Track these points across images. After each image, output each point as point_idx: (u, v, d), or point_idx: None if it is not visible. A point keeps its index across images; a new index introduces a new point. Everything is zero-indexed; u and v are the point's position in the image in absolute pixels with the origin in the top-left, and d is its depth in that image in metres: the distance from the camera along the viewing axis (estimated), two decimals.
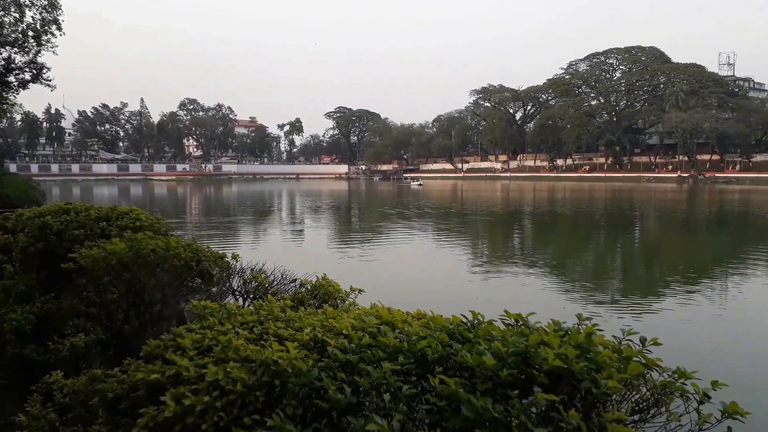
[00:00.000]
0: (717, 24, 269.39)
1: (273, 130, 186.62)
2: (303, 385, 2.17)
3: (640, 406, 2.54)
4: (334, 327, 2.69)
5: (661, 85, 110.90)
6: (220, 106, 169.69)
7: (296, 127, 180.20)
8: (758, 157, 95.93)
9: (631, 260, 19.91)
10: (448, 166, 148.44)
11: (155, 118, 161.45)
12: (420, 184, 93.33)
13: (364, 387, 2.16)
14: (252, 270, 4.80)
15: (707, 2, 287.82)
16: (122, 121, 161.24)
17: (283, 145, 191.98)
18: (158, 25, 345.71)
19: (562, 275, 15.89)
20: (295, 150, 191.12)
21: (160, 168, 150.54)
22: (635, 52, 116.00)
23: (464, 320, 2.82)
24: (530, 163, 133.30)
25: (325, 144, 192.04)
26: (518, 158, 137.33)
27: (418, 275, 15.84)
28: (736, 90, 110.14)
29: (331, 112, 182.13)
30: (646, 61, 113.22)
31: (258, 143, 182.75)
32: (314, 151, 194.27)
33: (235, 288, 4.60)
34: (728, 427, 2.28)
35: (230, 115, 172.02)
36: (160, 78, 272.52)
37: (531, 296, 12.84)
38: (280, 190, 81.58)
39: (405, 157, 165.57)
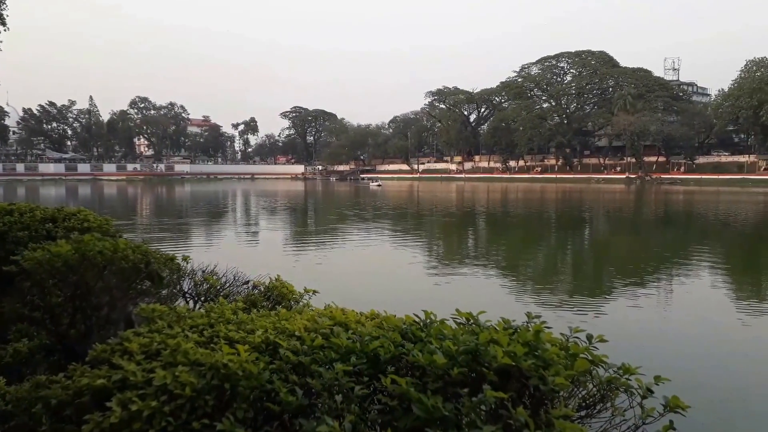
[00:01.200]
0: (664, 30, 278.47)
1: (227, 129, 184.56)
2: (254, 388, 2.16)
3: (587, 401, 2.61)
4: (287, 329, 2.68)
5: (610, 89, 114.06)
6: (172, 104, 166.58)
7: (251, 126, 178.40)
8: (701, 159, 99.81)
9: (581, 259, 20.41)
10: (405, 167, 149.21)
11: (105, 117, 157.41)
12: (379, 185, 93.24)
13: (316, 388, 2.16)
14: (203, 272, 4.71)
15: (657, 11, 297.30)
16: (70, 120, 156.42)
17: (238, 145, 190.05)
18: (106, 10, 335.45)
19: (515, 274, 16.16)
20: (249, 150, 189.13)
21: (109, 168, 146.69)
22: (585, 56, 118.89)
23: (417, 320, 2.84)
24: (484, 164, 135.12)
25: (280, 144, 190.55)
26: (473, 160, 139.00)
27: (374, 276, 15.87)
28: (681, 94, 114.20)
29: (286, 112, 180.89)
30: (596, 65, 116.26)
31: (211, 143, 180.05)
32: (270, 151, 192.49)
33: (186, 290, 4.51)
34: (670, 421, 2.36)
35: (183, 114, 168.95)
36: (110, 76, 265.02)
37: (484, 295, 13.01)
38: (234, 191, 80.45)
39: (362, 157, 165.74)
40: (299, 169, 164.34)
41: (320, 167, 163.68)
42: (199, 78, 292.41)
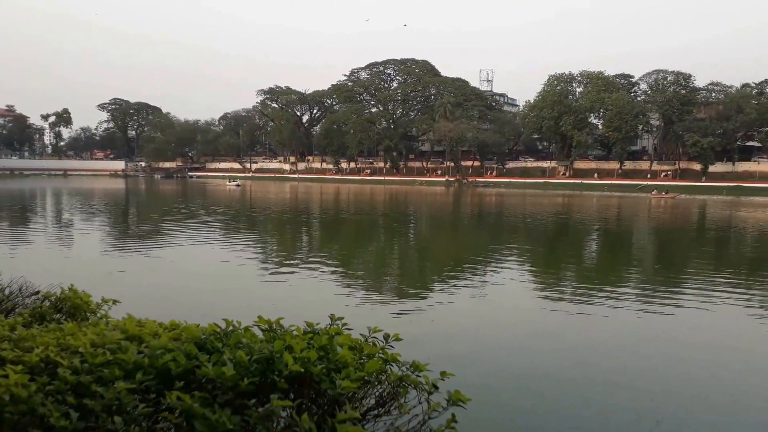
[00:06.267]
0: (477, 42, 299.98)
1: (36, 120, 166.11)
2: (24, 413, 1.97)
3: (382, 399, 2.74)
4: (71, 345, 2.48)
5: (432, 97, 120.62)
6: None
7: (64, 118, 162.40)
8: (511, 164, 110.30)
9: (403, 257, 21.38)
10: (236, 165, 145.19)
11: None
12: (238, 185, 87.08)
13: (95, 410, 2.02)
14: None
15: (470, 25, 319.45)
16: None
17: (48, 138, 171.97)
18: None
19: (340, 274, 16.47)
20: (62, 143, 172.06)
21: None
22: (410, 64, 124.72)
23: (217, 329, 2.78)
24: (317, 165, 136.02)
25: (98, 138, 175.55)
26: (306, 160, 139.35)
27: (196, 281, 15.19)
28: (494, 104, 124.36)
29: (105, 104, 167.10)
30: (420, 74, 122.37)
31: (17, 134, 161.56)
32: (85, 145, 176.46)
33: None
34: (452, 414, 2.55)
35: None
36: None
37: (309, 296, 13.11)
38: (43, 189, 72.60)
39: (190, 154, 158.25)
40: (119, 165, 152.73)
41: (143, 164, 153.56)
42: (4, 62, 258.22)
